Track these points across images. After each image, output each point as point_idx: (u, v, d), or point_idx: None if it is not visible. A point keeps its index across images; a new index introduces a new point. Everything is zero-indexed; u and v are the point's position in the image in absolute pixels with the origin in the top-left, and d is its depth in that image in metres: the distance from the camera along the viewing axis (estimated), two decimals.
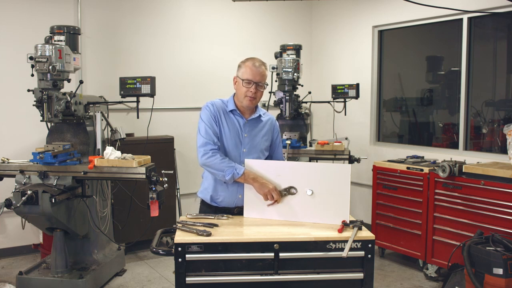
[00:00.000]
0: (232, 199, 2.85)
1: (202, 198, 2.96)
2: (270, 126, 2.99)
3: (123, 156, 3.97)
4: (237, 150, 2.85)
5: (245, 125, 2.89)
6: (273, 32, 6.56)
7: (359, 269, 2.35)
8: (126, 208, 4.83)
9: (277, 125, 3.06)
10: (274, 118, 3.07)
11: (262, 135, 2.93)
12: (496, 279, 3.51)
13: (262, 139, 2.92)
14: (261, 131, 2.94)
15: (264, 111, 3.04)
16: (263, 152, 2.93)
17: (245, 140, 2.87)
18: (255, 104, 2.88)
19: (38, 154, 3.88)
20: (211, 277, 2.30)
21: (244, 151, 2.85)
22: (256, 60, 2.87)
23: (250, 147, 2.87)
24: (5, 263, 4.99)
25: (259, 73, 2.82)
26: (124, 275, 4.67)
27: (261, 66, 2.84)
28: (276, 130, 3.05)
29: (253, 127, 2.91)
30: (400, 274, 4.73)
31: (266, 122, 2.97)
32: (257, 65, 2.83)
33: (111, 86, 5.08)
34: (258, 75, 2.81)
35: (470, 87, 5.08)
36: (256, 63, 2.83)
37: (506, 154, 4.30)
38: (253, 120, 2.92)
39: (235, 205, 2.85)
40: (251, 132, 2.90)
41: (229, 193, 2.84)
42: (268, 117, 3.02)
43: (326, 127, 6.49)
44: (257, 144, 2.90)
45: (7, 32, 5.02)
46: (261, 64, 2.85)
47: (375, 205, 5.10)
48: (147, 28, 5.76)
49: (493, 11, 4.78)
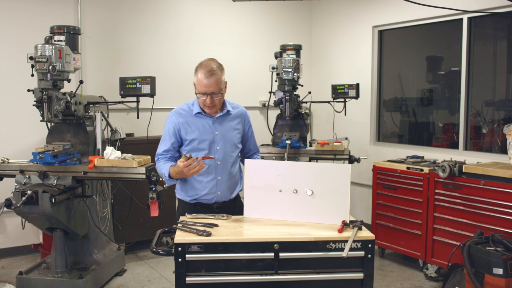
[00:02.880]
0: (212, 196, 2.91)
1: (181, 198, 3.02)
2: (240, 118, 3.01)
3: (123, 156, 3.98)
4: (211, 149, 2.89)
5: (214, 123, 2.91)
6: (273, 32, 6.56)
7: (359, 269, 2.35)
8: (126, 208, 4.83)
9: (248, 116, 3.08)
10: (244, 110, 3.07)
11: (234, 129, 2.96)
12: (496, 279, 3.51)
13: (234, 133, 2.95)
14: (232, 125, 2.96)
15: (234, 104, 3.04)
16: (236, 145, 2.97)
17: (217, 137, 2.90)
18: (216, 110, 2.89)
19: (38, 154, 3.88)
20: (211, 277, 2.30)
21: (217, 149, 2.89)
22: (207, 68, 2.73)
23: (224, 143, 2.90)
24: (5, 263, 4.99)
25: (211, 84, 2.72)
26: (124, 275, 4.67)
27: (213, 76, 2.72)
28: (247, 121, 3.06)
29: (223, 123, 2.94)
30: (400, 274, 4.73)
31: (236, 115, 2.99)
32: (208, 77, 2.71)
33: (111, 86, 5.09)
34: (211, 87, 2.73)
35: (470, 87, 5.08)
36: (207, 73, 2.71)
37: (506, 154, 4.30)
38: (222, 116, 2.94)
39: (215, 201, 2.92)
40: (222, 128, 2.92)
41: (207, 191, 2.90)
42: (238, 109, 3.02)
43: (326, 127, 6.49)
44: (229, 139, 2.93)
45: (7, 32, 5.02)
46: (213, 73, 2.72)
47: (375, 205, 5.10)
48: (147, 28, 5.76)
49: (493, 11, 4.78)
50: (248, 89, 6.38)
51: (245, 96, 6.29)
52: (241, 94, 6.23)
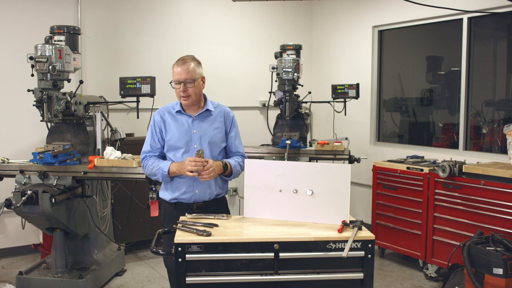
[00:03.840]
0: (189, 195, 2.88)
1: (163, 198, 2.99)
2: (222, 118, 2.99)
3: (123, 156, 3.98)
4: (188, 147, 2.89)
5: (193, 122, 2.92)
6: (273, 32, 6.56)
7: (359, 269, 2.35)
8: (126, 208, 4.83)
9: (230, 116, 3.04)
10: (227, 109, 3.05)
11: (214, 128, 2.95)
12: (496, 279, 3.51)
13: (214, 132, 2.94)
14: (212, 124, 2.95)
15: (217, 104, 3.04)
16: (217, 144, 2.95)
17: (195, 136, 2.90)
18: (191, 101, 2.88)
19: (38, 154, 3.88)
20: (211, 277, 2.29)
21: (195, 147, 2.88)
22: (181, 58, 2.87)
23: (202, 142, 2.89)
24: (5, 263, 4.99)
25: (183, 71, 2.81)
26: (124, 275, 4.67)
27: (185, 64, 2.83)
28: (229, 121, 3.02)
29: (202, 122, 2.94)
30: (400, 274, 4.73)
31: (218, 114, 2.99)
32: (181, 64, 2.83)
33: (111, 86, 5.08)
34: (183, 74, 2.82)
35: (470, 87, 5.08)
36: (180, 62, 2.84)
37: (506, 154, 4.30)
38: (202, 115, 2.94)
39: (193, 200, 2.89)
40: (200, 127, 2.92)
41: (184, 190, 2.88)
42: (220, 109, 3.02)
43: (326, 127, 6.49)
44: (208, 137, 2.91)
45: (7, 32, 5.02)
46: (186, 61, 2.84)
47: (375, 205, 5.10)
48: (147, 28, 5.76)
49: (493, 11, 4.78)
50: (248, 89, 6.37)
51: (245, 96, 6.29)
52: (241, 94, 6.24)
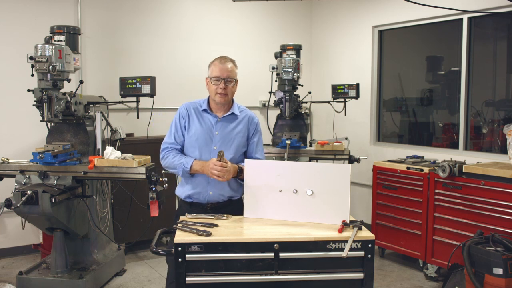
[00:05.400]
0: (203, 195, 2.90)
1: (178, 195, 3.03)
2: (245, 123, 2.98)
3: (123, 156, 3.97)
4: (208, 148, 2.89)
5: (217, 123, 2.92)
6: (273, 32, 6.56)
7: (359, 269, 2.35)
8: (126, 208, 4.83)
9: (255, 122, 3.02)
10: (252, 115, 3.03)
11: (237, 132, 2.95)
12: (496, 279, 3.51)
13: (236, 136, 2.94)
14: (235, 128, 2.95)
15: (243, 108, 3.04)
16: (238, 148, 2.94)
17: (216, 138, 2.90)
18: (227, 100, 2.90)
19: (38, 154, 3.87)
20: (211, 277, 2.30)
21: (214, 148, 2.88)
22: (223, 57, 2.92)
23: (222, 144, 2.89)
24: (5, 263, 4.99)
25: (226, 69, 2.86)
26: (124, 275, 4.67)
27: (228, 63, 2.89)
28: (253, 127, 3.01)
29: (226, 124, 2.94)
30: (400, 274, 4.73)
31: (243, 119, 2.98)
32: (224, 62, 2.87)
33: (111, 86, 5.08)
34: (226, 72, 2.85)
35: (470, 87, 5.08)
36: (222, 60, 2.89)
37: (506, 154, 4.30)
38: (227, 117, 2.94)
39: (207, 201, 2.91)
40: (223, 129, 2.92)
41: (198, 190, 2.90)
42: (246, 114, 3.01)
43: (326, 127, 6.49)
44: (230, 140, 2.91)
45: (7, 32, 5.02)
46: (228, 61, 2.90)
47: (375, 205, 5.10)
48: (147, 28, 5.76)
49: (493, 11, 4.78)
50: (248, 89, 6.36)
51: (245, 96, 6.27)
52: (241, 94, 6.12)
